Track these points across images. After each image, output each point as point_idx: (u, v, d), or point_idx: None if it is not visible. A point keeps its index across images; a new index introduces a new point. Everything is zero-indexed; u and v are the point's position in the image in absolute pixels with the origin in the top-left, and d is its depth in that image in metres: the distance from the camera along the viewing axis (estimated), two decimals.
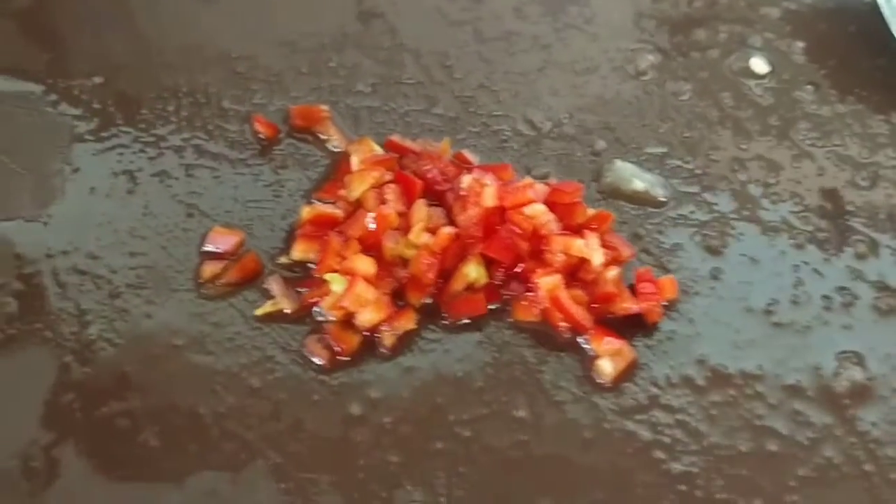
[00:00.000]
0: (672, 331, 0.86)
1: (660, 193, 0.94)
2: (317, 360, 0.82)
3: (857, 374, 0.85)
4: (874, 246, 0.92)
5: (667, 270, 0.89)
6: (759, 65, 1.04)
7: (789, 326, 0.87)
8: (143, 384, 0.81)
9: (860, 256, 0.91)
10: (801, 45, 1.06)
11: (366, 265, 0.83)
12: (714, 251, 0.90)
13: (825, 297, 0.88)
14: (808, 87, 1.03)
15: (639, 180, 0.94)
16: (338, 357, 0.82)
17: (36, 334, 0.82)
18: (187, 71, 0.99)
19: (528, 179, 0.88)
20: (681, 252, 0.90)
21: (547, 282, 0.83)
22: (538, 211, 0.85)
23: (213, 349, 0.82)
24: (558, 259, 0.84)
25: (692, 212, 0.93)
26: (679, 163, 0.96)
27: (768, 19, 1.08)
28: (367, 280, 0.82)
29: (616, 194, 0.93)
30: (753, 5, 1.09)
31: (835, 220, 0.93)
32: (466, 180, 0.87)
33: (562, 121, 0.98)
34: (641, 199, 0.93)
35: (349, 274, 0.82)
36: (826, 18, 1.09)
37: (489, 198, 0.85)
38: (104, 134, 0.94)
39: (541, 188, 0.87)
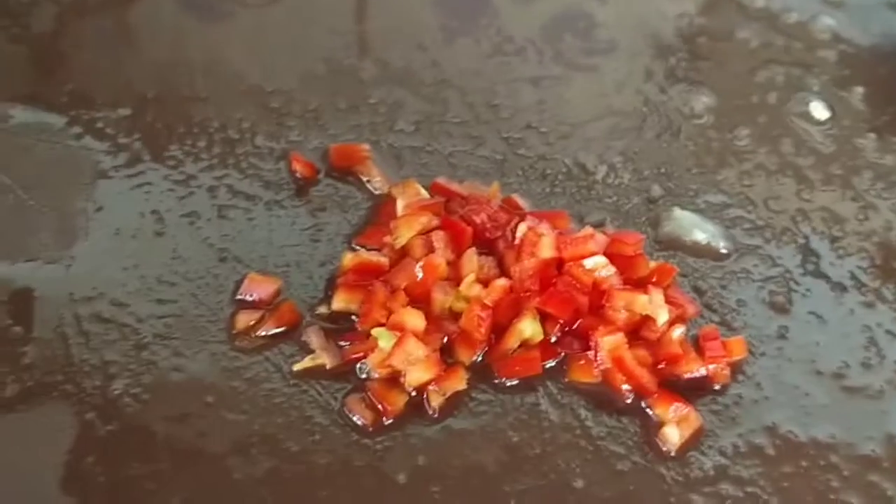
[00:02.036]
0: (738, 395, 0.80)
1: (721, 245, 0.88)
2: (359, 422, 0.76)
3: None
4: None
5: (731, 328, 0.83)
6: (818, 110, 0.99)
7: (861, 391, 0.81)
8: (172, 444, 0.74)
9: None
10: (860, 90, 1.02)
11: (416, 320, 0.77)
12: (780, 308, 0.85)
13: None
14: (871, 134, 0.98)
15: (700, 231, 0.88)
16: (382, 418, 0.76)
17: (56, 387, 0.76)
18: (219, 105, 0.93)
19: (587, 229, 0.82)
20: (745, 309, 0.85)
21: (609, 341, 0.78)
22: (599, 263, 0.79)
23: (247, 408, 0.76)
24: (620, 316, 0.79)
25: (755, 265, 0.87)
26: (740, 212, 0.91)
27: (826, 62, 1.03)
28: (417, 336, 0.76)
29: (675, 245, 0.88)
30: (811, 48, 1.05)
31: None
32: (522, 229, 0.81)
33: (615, 165, 0.93)
34: (702, 251, 0.88)
35: (397, 329, 0.77)
36: (885, 61, 1.05)
37: (547, 248, 0.80)
38: (130, 171, 0.89)
39: (601, 239, 0.82)
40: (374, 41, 1.01)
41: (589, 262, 0.79)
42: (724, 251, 0.88)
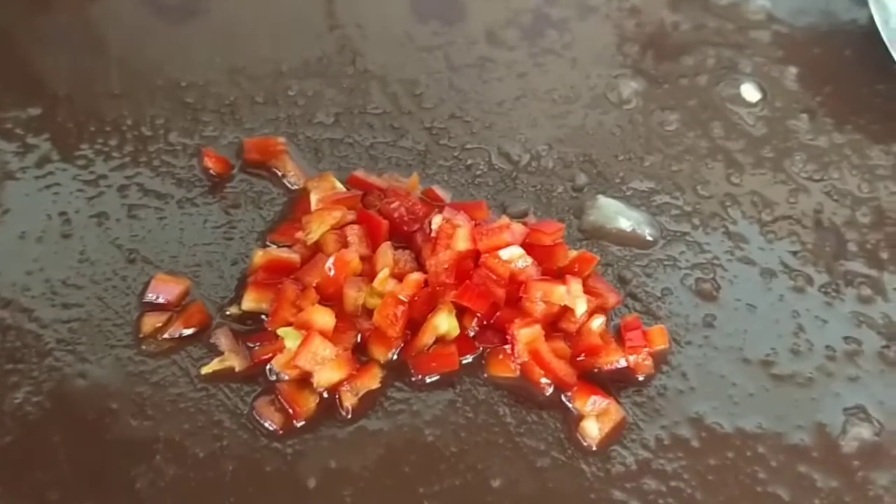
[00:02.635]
0: (663, 385, 0.78)
1: (647, 233, 0.86)
2: (269, 425, 0.73)
3: (865, 431, 0.77)
4: (879, 288, 0.85)
5: (656, 318, 0.81)
6: (750, 92, 0.97)
7: (790, 379, 0.79)
8: (75, 454, 0.71)
9: (864, 300, 0.84)
10: (794, 70, 0.99)
11: (324, 318, 0.74)
12: (707, 296, 0.83)
13: (828, 346, 0.81)
14: (803, 115, 0.96)
15: (624, 218, 0.86)
16: (292, 421, 0.73)
17: None
18: (132, 101, 0.91)
19: (504, 219, 0.80)
20: (671, 297, 0.82)
21: (526, 334, 0.75)
22: (515, 255, 0.77)
23: (153, 413, 0.73)
24: (538, 308, 0.76)
25: (682, 252, 0.85)
26: (667, 199, 0.88)
27: (758, 43, 1.01)
28: (325, 335, 0.74)
29: (600, 234, 0.85)
30: (742, 29, 1.02)
31: (835, 260, 0.86)
32: (437, 220, 0.79)
33: (540, 153, 0.90)
34: (627, 239, 0.85)
35: (304, 328, 0.74)
36: (820, 42, 1.03)
37: (462, 240, 0.77)
38: (39, 171, 0.86)
39: (518, 229, 0.79)
40: (294, 33, 0.98)
41: (505, 254, 0.77)
42: (649, 238, 0.86)
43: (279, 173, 0.87)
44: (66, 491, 0.70)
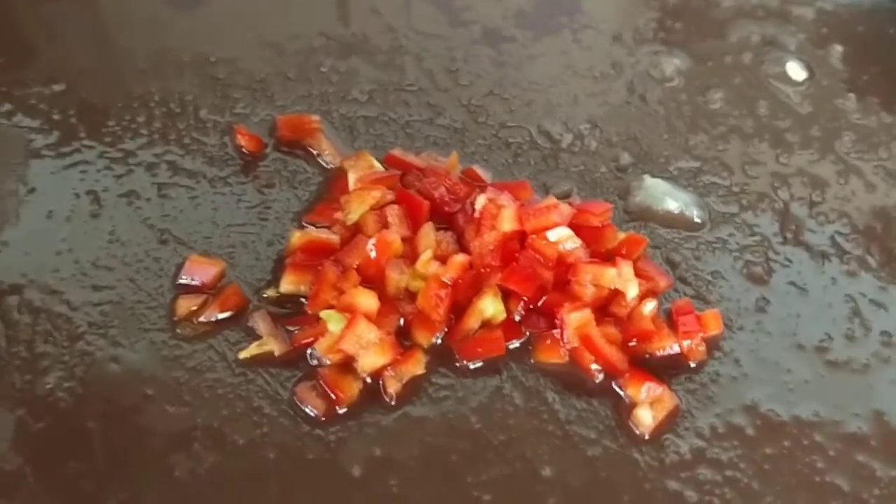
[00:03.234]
0: (716, 372, 0.75)
1: (695, 214, 0.83)
2: (310, 412, 0.70)
3: None
4: None
5: (707, 302, 0.79)
6: (795, 70, 0.94)
7: (846, 365, 0.77)
8: (109, 441, 0.69)
9: None
10: (839, 48, 0.97)
11: (367, 300, 0.71)
12: (758, 279, 0.80)
13: (883, 331, 0.78)
14: (851, 94, 0.93)
15: (672, 199, 0.83)
16: (335, 407, 0.71)
17: None
18: (160, 77, 0.88)
19: (550, 199, 0.77)
20: (721, 281, 0.80)
21: (575, 318, 0.73)
22: (564, 236, 0.74)
23: (189, 399, 0.71)
24: (587, 291, 0.74)
25: (731, 235, 0.83)
26: (714, 179, 0.86)
27: (803, 21, 0.98)
28: (369, 318, 0.71)
29: (646, 215, 0.83)
30: (786, 4, 0.99)
31: (889, 242, 0.84)
32: (481, 201, 0.76)
33: (582, 132, 0.88)
34: (675, 221, 0.83)
35: (348, 311, 0.71)
36: (864, 20, 1.00)
37: (507, 221, 0.75)
38: (65, 149, 0.83)
39: (565, 209, 0.76)
40: (325, 6, 0.95)
41: (552, 235, 0.74)
42: (697, 220, 0.83)
43: (314, 152, 0.84)
44: (101, 480, 0.67)
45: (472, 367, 0.74)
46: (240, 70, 0.89)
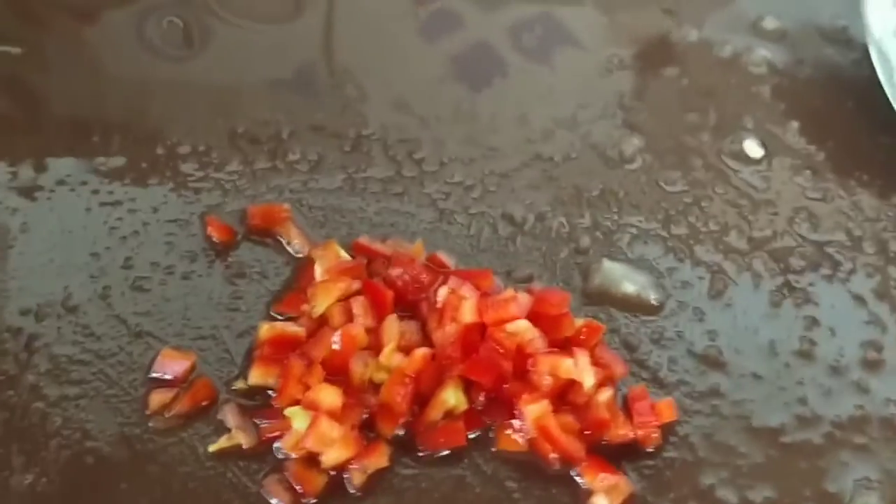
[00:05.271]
0: (670, 457, 0.78)
1: (652, 297, 0.86)
2: None
3: (873, 500, 0.77)
4: (879, 358, 0.84)
5: (663, 386, 0.81)
6: (752, 148, 0.97)
7: (798, 449, 0.79)
8: None
9: (870, 366, 0.84)
10: (795, 124, 0.99)
11: (331, 397, 0.74)
12: (713, 363, 0.83)
13: (836, 414, 0.81)
14: (806, 171, 0.96)
15: (630, 283, 0.86)
16: (301, 500, 0.73)
17: None
18: (133, 171, 0.90)
19: (509, 291, 0.79)
20: (677, 365, 0.82)
21: (534, 410, 0.75)
22: (522, 328, 0.77)
23: (161, 495, 0.73)
24: (546, 381, 0.76)
25: (689, 319, 0.85)
26: (673, 263, 0.88)
27: (760, 98, 1.01)
28: (333, 415, 0.73)
29: (605, 298, 0.85)
30: (743, 83, 1.02)
31: (842, 327, 0.86)
32: (443, 293, 0.79)
33: (544, 215, 0.90)
34: (633, 304, 0.85)
35: (312, 407, 0.74)
36: (821, 94, 1.03)
37: (468, 313, 0.77)
38: (42, 245, 0.85)
39: (524, 300, 0.79)
40: (294, 94, 0.98)
41: (511, 327, 0.77)
42: (655, 303, 0.86)
43: (283, 241, 0.87)
44: None
45: (434, 456, 0.76)
46: (210, 162, 0.91)
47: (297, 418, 0.73)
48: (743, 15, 1.08)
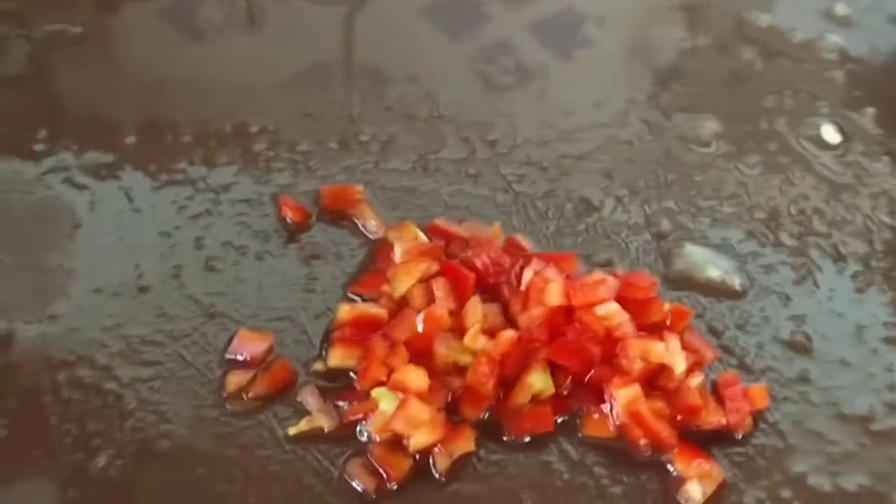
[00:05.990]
0: (761, 444, 0.76)
1: (737, 282, 0.84)
2: (361, 489, 0.71)
3: None
4: None
5: (751, 372, 0.79)
6: (830, 133, 0.95)
7: (889, 436, 0.77)
8: None
9: None
10: (871, 111, 0.97)
11: (419, 379, 0.72)
12: (800, 349, 0.81)
13: None
14: (885, 157, 0.94)
15: (714, 267, 0.84)
16: (386, 484, 0.71)
17: (33, 463, 0.71)
18: (202, 149, 0.88)
19: (597, 273, 0.77)
20: (764, 351, 0.80)
21: (625, 394, 0.73)
22: (612, 311, 0.74)
23: (240, 477, 0.71)
24: (636, 366, 0.74)
25: (773, 304, 0.83)
26: (754, 247, 0.86)
27: (834, 84, 0.99)
28: (420, 396, 0.71)
29: (688, 284, 0.83)
30: (818, 69, 1.00)
31: None
32: (527, 274, 0.77)
33: (622, 199, 0.88)
34: (717, 289, 0.83)
35: (399, 389, 0.72)
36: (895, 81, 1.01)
37: (555, 296, 0.75)
38: (111, 224, 0.83)
39: (612, 283, 0.76)
40: (364, 74, 0.96)
41: (601, 310, 0.75)
42: (739, 288, 0.84)
43: (358, 222, 0.85)
44: None
45: (520, 441, 0.74)
46: (281, 141, 0.89)
47: (385, 399, 0.71)
48: (813, 2, 1.06)
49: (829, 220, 0.89)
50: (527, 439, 0.74)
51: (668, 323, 0.78)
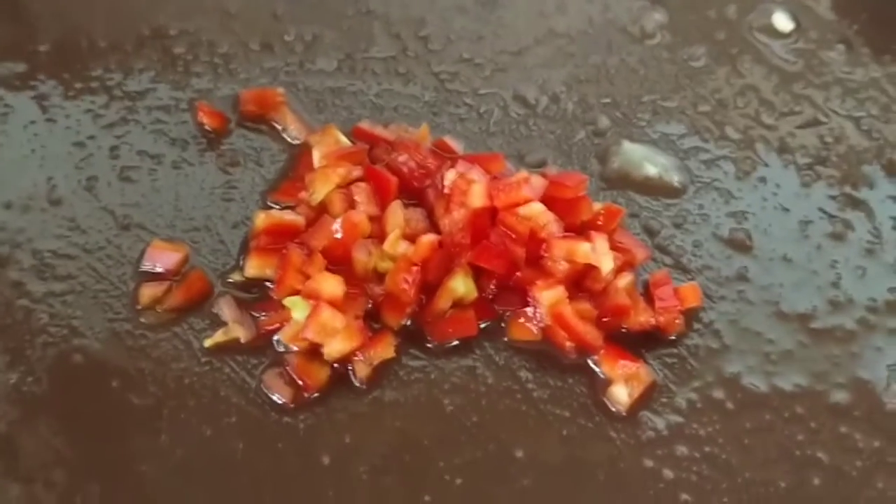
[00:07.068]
0: (694, 345, 0.73)
1: (675, 179, 0.80)
2: (278, 399, 0.69)
3: None
4: None
5: (687, 272, 0.76)
6: (782, 21, 0.90)
7: (830, 334, 0.75)
8: (73, 434, 0.68)
9: None
10: None
11: (332, 286, 0.69)
12: (740, 247, 0.78)
13: (870, 297, 0.76)
14: (839, 45, 0.90)
15: (651, 164, 0.80)
16: (304, 394, 0.70)
17: None
18: (118, 53, 0.84)
19: (522, 172, 0.74)
20: (701, 250, 0.77)
21: (549, 296, 0.70)
22: (536, 211, 0.72)
23: (155, 390, 0.69)
24: (561, 267, 0.72)
25: (713, 200, 0.80)
26: (696, 142, 0.83)
27: None
28: (335, 304, 0.69)
29: (625, 182, 0.80)
30: None
31: (877, 206, 0.81)
32: (450, 176, 0.73)
33: (558, 96, 0.84)
34: (654, 187, 0.80)
35: (313, 297, 0.69)
36: None
37: (477, 197, 0.72)
38: (22, 135, 0.80)
39: (538, 182, 0.73)
40: None
41: (524, 210, 0.72)
42: (678, 186, 0.80)
43: (279, 127, 0.81)
44: (69, 474, 0.66)
45: (444, 347, 0.72)
46: (200, 42, 0.85)
47: (297, 308, 0.69)
48: None
49: (777, 112, 0.85)
50: (451, 345, 0.72)
51: (599, 223, 0.75)
